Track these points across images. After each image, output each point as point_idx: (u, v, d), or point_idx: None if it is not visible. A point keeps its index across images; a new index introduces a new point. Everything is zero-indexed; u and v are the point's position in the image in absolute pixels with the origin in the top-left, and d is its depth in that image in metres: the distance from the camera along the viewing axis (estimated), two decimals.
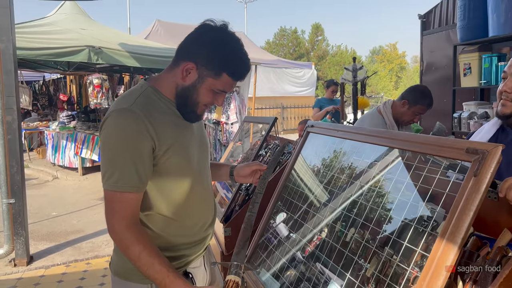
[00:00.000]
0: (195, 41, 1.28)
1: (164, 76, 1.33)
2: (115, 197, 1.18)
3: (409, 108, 2.72)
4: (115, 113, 1.21)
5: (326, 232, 1.57)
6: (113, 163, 1.18)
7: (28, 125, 9.04)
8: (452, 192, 1.12)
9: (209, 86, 1.26)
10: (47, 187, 7.05)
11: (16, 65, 3.65)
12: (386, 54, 40.78)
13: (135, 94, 1.27)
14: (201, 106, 1.31)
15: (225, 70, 1.24)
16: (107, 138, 1.20)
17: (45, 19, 6.26)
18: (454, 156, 1.09)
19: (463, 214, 0.98)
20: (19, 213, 3.72)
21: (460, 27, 4.28)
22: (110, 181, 1.18)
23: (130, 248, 1.17)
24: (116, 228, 1.19)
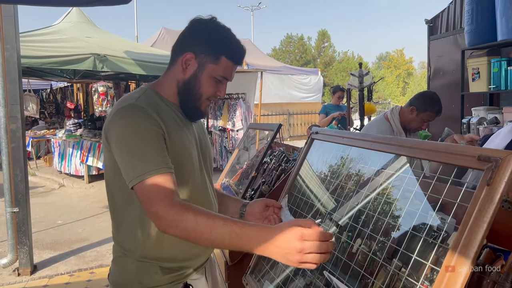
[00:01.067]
0: (188, 34, 1.28)
1: (163, 78, 1.33)
2: (148, 185, 1.09)
3: (418, 114, 2.66)
4: (121, 110, 1.18)
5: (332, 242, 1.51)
6: (133, 156, 1.12)
7: (36, 133, 9.08)
8: (463, 201, 1.07)
9: (210, 73, 1.25)
10: (54, 195, 7.05)
11: (20, 73, 3.65)
12: (393, 60, 40.65)
13: (137, 94, 1.26)
14: (204, 100, 1.29)
15: (223, 53, 1.24)
16: (119, 136, 1.15)
17: (51, 28, 6.30)
18: (465, 164, 1.04)
19: (475, 226, 0.92)
20: (23, 222, 3.69)
21: (468, 32, 4.21)
22: (136, 173, 1.10)
23: (183, 219, 1.02)
24: (160, 212, 1.05)
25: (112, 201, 1.31)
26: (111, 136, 1.18)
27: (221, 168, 7.47)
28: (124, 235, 1.29)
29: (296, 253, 0.91)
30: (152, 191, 1.09)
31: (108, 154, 1.23)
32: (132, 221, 1.26)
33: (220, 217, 1.02)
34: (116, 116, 1.17)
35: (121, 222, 1.29)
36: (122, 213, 1.28)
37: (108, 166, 1.27)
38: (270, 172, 2.79)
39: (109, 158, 1.23)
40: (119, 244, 1.31)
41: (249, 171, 3.14)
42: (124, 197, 1.25)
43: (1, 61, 3.52)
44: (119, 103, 1.23)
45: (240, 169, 3.45)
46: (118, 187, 1.25)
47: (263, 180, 2.72)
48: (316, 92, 13.77)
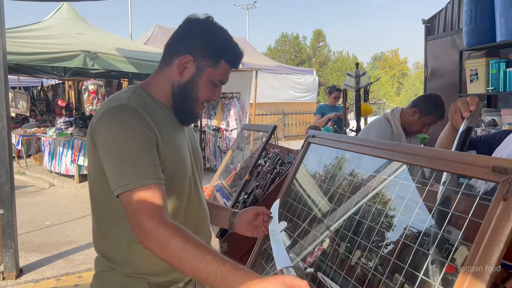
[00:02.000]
0: (185, 34, 1.21)
1: (155, 78, 1.24)
2: (136, 196, 1.01)
3: (420, 117, 2.58)
4: (111, 110, 1.08)
5: (329, 254, 1.42)
6: (122, 161, 1.03)
7: (26, 131, 8.92)
8: (469, 210, 0.98)
9: (209, 77, 1.21)
10: (43, 195, 6.91)
11: (6, 70, 3.51)
12: (388, 60, 40.75)
13: (127, 93, 1.16)
14: (199, 104, 1.24)
15: (223, 57, 1.20)
16: (108, 138, 1.06)
17: (40, 24, 6.15)
18: (477, 175, 0.94)
19: (491, 246, 0.83)
20: (8, 224, 3.57)
21: (466, 32, 4.14)
22: (124, 181, 1.02)
23: (171, 243, 0.96)
24: (148, 228, 0.97)
25: (96, 208, 1.21)
26: (98, 138, 1.08)
27: (215, 169, 7.36)
28: (109, 245, 1.19)
29: None
30: (141, 203, 1.00)
31: (92, 157, 1.13)
32: (118, 231, 1.16)
33: (209, 252, 0.95)
34: (105, 117, 1.08)
35: (106, 231, 1.19)
36: (107, 221, 1.18)
37: (92, 171, 1.17)
38: (264, 175, 2.70)
39: (94, 162, 1.13)
40: (104, 255, 1.20)
41: (243, 173, 3.05)
42: (110, 205, 1.14)
43: None
44: (107, 103, 1.14)
45: (234, 170, 3.36)
46: (103, 194, 1.15)
47: (257, 184, 2.63)
48: (311, 92, 13.69)
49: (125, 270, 1.17)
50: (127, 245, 1.16)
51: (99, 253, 1.22)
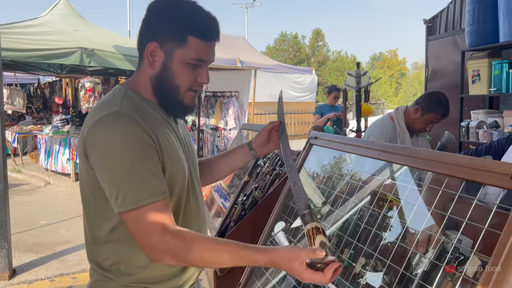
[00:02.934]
0: (146, 21, 1.11)
1: (137, 76, 1.15)
2: (140, 215, 0.97)
3: (422, 115, 2.52)
4: (105, 119, 1.00)
5: None
6: (123, 176, 0.97)
7: (22, 129, 8.84)
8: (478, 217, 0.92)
9: (181, 59, 1.08)
10: (39, 193, 6.83)
11: (0, 67, 3.44)
12: (386, 60, 40.75)
13: (118, 97, 1.07)
14: (184, 92, 1.12)
15: (189, 32, 1.06)
16: (105, 150, 0.98)
17: (36, 20, 6.07)
18: (494, 183, 0.88)
19: (511, 259, 0.77)
20: (1, 224, 3.50)
21: (468, 32, 4.09)
22: (128, 199, 0.96)
23: (190, 252, 0.97)
24: (162, 247, 0.97)
25: (90, 218, 1.14)
26: (92, 149, 1.01)
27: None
28: (105, 257, 1.12)
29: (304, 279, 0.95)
30: (150, 222, 0.96)
31: (86, 167, 1.05)
32: (115, 242, 1.10)
33: (227, 251, 0.98)
34: (99, 126, 1.00)
35: (101, 242, 1.11)
36: (102, 232, 1.10)
37: (85, 181, 1.09)
38: (264, 177, 2.64)
39: (87, 172, 1.05)
40: (100, 265, 1.13)
41: (241, 173, 2.99)
42: (106, 216, 1.08)
43: None
44: (98, 110, 1.05)
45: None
46: (98, 205, 1.08)
47: (256, 186, 2.57)
48: (310, 92, 13.63)
49: (123, 280, 1.11)
50: (125, 256, 1.10)
51: (95, 264, 1.15)
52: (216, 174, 1.49)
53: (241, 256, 0.97)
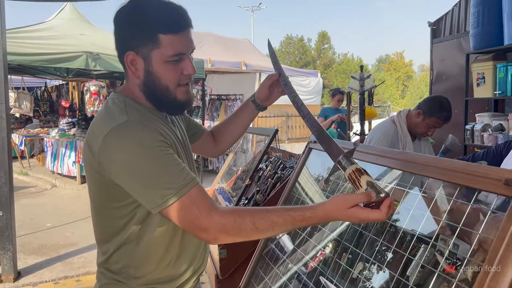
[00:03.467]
0: (116, 33, 1.10)
1: (129, 85, 1.15)
2: (184, 204, 0.98)
3: (424, 119, 2.53)
4: (117, 130, 1.00)
5: (329, 267, 1.36)
6: (155, 178, 0.98)
7: (29, 132, 8.91)
8: (485, 230, 0.92)
9: (160, 60, 1.06)
10: (45, 196, 6.88)
11: (6, 71, 3.48)
12: (393, 62, 40.59)
13: (121, 106, 1.08)
14: (174, 88, 1.10)
15: (157, 31, 1.04)
16: (129, 162, 0.99)
17: (43, 24, 6.13)
18: (488, 189, 0.88)
19: (504, 266, 0.77)
20: (6, 226, 3.53)
21: (473, 35, 4.07)
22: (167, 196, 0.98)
23: (242, 227, 0.98)
24: (214, 226, 0.98)
25: (100, 222, 1.16)
26: (113, 163, 1.01)
27: (217, 171, 7.30)
28: (116, 262, 1.14)
29: (362, 220, 0.94)
30: (193, 207, 0.98)
31: (98, 178, 1.06)
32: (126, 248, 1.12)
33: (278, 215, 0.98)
34: (113, 139, 1.00)
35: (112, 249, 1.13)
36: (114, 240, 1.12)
37: (95, 189, 1.11)
38: (265, 180, 2.64)
39: (100, 182, 1.07)
40: (109, 269, 1.15)
41: (244, 176, 3.00)
42: (117, 219, 1.10)
43: None
44: (106, 121, 1.05)
45: (236, 172, 3.30)
46: (109, 209, 1.11)
47: (258, 189, 2.57)
48: (315, 94, 13.60)
49: (133, 283, 1.13)
50: (135, 259, 1.12)
51: (104, 267, 1.17)
52: (231, 137, 1.53)
53: (292, 217, 0.97)
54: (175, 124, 1.24)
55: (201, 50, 10.17)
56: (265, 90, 1.42)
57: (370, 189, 0.92)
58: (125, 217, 1.09)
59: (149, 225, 1.10)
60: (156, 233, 1.11)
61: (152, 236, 1.11)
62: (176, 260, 1.17)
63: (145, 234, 1.11)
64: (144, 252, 1.11)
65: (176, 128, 1.23)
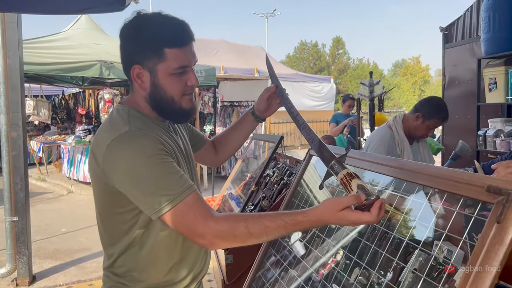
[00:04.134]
0: (122, 47, 1.15)
1: (134, 96, 1.20)
2: (181, 210, 1.02)
3: (423, 121, 2.54)
4: (119, 140, 1.06)
5: (324, 272, 1.38)
6: (154, 185, 1.03)
7: (47, 139, 9.12)
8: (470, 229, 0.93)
9: (165, 73, 1.11)
10: (61, 202, 7.03)
11: (23, 80, 3.60)
12: (409, 67, 40.20)
13: (123, 118, 1.13)
14: (179, 99, 1.16)
15: (163, 45, 1.09)
16: (130, 170, 1.04)
17: (59, 34, 6.31)
18: (472, 195, 0.90)
19: (483, 271, 0.79)
20: (22, 231, 3.63)
21: (484, 40, 4.03)
22: (164, 203, 1.02)
23: (236, 232, 1.01)
24: (209, 232, 1.02)
25: (105, 227, 1.21)
26: (115, 172, 1.06)
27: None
28: (120, 266, 1.19)
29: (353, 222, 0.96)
30: (189, 214, 1.02)
31: (103, 185, 1.12)
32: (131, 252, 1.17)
33: (270, 220, 1.01)
34: (115, 148, 1.05)
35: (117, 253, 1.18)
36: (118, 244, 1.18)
37: (100, 196, 1.17)
38: (271, 186, 2.67)
39: (104, 190, 1.12)
40: (114, 273, 1.20)
41: (252, 182, 3.03)
42: (121, 224, 1.15)
43: (3, 68, 3.48)
44: (109, 132, 1.09)
45: (248, 177, 3.33)
46: (114, 216, 1.16)
47: (264, 195, 2.60)
48: (328, 100, 13.59)
49: (136, 286, 1.18)
50: (139, 263, 1.17)
51: (109, 271, 1.22)
52: (231, 147, 1.58)
53: (284, 222, 0.99)
54: (177, 133, 1.29)
55: (214, 57, 10.28)
56: (264, 102, 1.46)
57: (361, 191, 0.94)
58: (128, 222, 1.14)
59: (151, 230, 1.14)
60: (159, 238, 1.15)
61: (155, 241, 1.15)
62: (178, 265, 1.21)
63: (148, 239, 1.15)
64: (147, 256, 1.16)
65: (178, 137, 1.28)
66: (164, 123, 1.22)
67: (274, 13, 32.12)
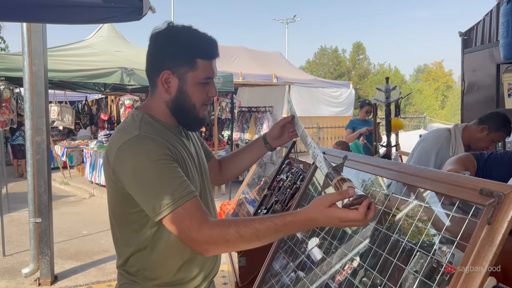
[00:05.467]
0: (154, 52, 1.23)
1: (152, 101, 1.27)
2: (179, 215, 1.06)
3: (489, 134, 2.57)
4: (128, 144, 1.12)
5: (325, 278, 1.40)
6: (156, 188, 1.08)
7: (70, 143, 9.39)
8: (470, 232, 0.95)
9: (194, 81, 1.21)
10: (83, 205, 7.21)
11: (47, 87, 3.75)
12: (432, 72, 39.54)
13: (135, 123, 1.20)
14: (198, 108, 1.25)
15: (196, 56, 1.19)
16: (135, 172, 1.10)
17: (82, 42, 6.52)
18: (466, 198, 0.92)
19: (473, 272, 0.81)
20: (45, 232, 3.76)
21: (503, 45, 3.97)
22: (164, 206, 1.07)
23: (227, 237, 1.03)
24: (202, 238, 1.05)
25: (118, 229, 1.27)
26: (123, 173, 1.12)
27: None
28: (132, 265, 1.25)
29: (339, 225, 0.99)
30: (187, 220, 1.06)
31: (114, 187, 1.18)
32: (143, 252, 1.23)
33: (260, 222, 1.03)
34: (124, 151, 1.12)
35: (129, 253, 1.24)
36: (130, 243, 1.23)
37: (113, 197, 1.23)
38: (284, 190, 2.71)
39: (115, 191, 1.19)
40: (127, 271, 1.27)
41: (265, 187, 3.07)
42: (132, 226, 1.21)
43: (29, 75, 3.64)
44: (121, 136, 1.16)
45: (259, 183, 3.38)
46: (125, 217, 1.22)
47: (276, 199, 2.64)
48: (347, 106, 13.52)
49: (147, 284, 1.24)
50: (149, 263, 1.22)
51: (122, 269, 1.28)
52: (236, 169, 1.62)
53: (274, 223, 1.01)
54: (189, 139, 1.36)
55: (233, 63, 10.38)
56: (278, 129, 1.49)
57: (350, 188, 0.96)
58: (139, 222, 1.19)
59: (162, 231, 1.19)
60: (170, 238, 1.20)
61: (165, 242, 1.20)
62: (189, 264, 1.26)
63: (159, 239, 1.21)
64: (158, 256, 1.22)
65: (190, 142, 1.34)
66: (177, 129, 1.28)
67: (294, 19, 32.23)
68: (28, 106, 3.68)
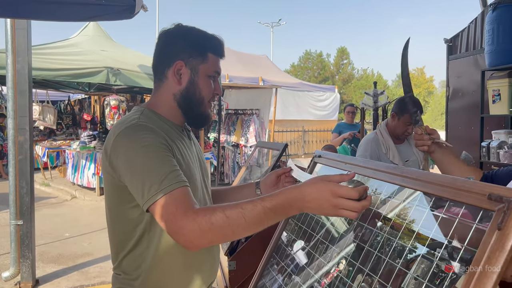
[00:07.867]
0: (167, 45, 1.26)
1: (156, 97, 1.28)
2: (166, 202, 1.01)
3: (399, 119, 2.77)
4: (124, 131, 1.12)
5: (326, 282, 1.39)
6: (146, 174, 1.05)
7: (52, 144, 9.18)
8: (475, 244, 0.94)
9: (205, 73, 1.25)
10: (65, 207, 7.06)
11: (31, 85, 3.65)
12: (413, 78, 40.23)
13: (135, 115, 1.19)
14: (206, 102, 1.28)
15: (208, 50, 1.25)
16: (127, 157, 1.08)
17: (67, 41, 6.40)
18: (473, 203, 0.92)
19: (484, 277, 0.80)
20: (26, 235, 3.65)
21: (488, 52, 4.06)
22: (152, 192, 1.03)
23: (213, 221, 0.97)
24: (188, 225, 0.97)
25: (115, 227, 1.23)
26: (117, 161, 1.10)
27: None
28: (128, 265, 1.22)
29: (330, 207, 0.95)
30: (173, 206, 1.01)
31: (111, 180, 1.16)
32: (138, 250, 1.20)
33: (246, 202, 1.00)
34: (120, 137, 1.11)
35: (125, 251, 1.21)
36: (126, 241, 1.20)
37: (110, 193, 1.20)
38: None
39: (113, 185, 1.16)
40: (124, 272, 1.23)
41: None
42: (129, 225, 1.18)
43: (12, 73, 3.54)
44: (118, 126, 1.17)
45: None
46: (123, 214, 1.18)
47: None
48: (332, 110, 13.63)
49: (144, 285, 1.20)
50: (147, 263, 1.19)
51: (119, 270, 1.24)
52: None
53: (261, 199, 0.98)
54: (191, 139, 1.35)
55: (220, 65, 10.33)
56: (274, 177, 1.44)
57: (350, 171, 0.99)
58: (135, 219, 1.16)
59: (157, 229, 1.17)
60: (165, 238, 1.17)
61: (161, 241, 1.18)
62: (185, 267, 1.23)
63: (154, 238, 1.18)
64: (154, 256, 1.19)
65: (191, 142, 1.34)
66: (179, 127, 1.28)
67: (279, 23, 32.39)
68: (11, 105, 3.58)
